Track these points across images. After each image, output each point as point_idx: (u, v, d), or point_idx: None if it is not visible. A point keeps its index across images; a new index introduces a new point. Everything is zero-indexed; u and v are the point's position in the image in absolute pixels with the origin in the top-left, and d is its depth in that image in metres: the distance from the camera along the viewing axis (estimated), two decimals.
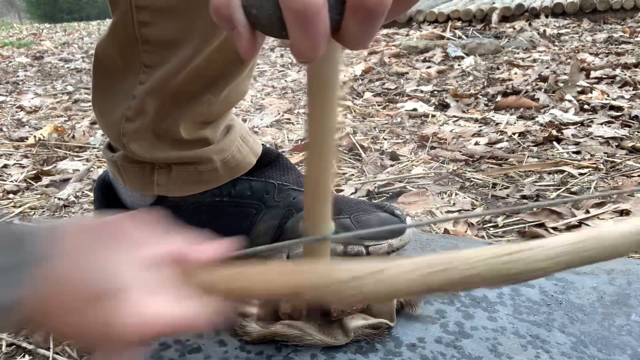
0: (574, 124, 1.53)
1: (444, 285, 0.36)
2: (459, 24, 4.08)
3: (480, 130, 1.56)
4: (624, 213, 0.96)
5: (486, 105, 1.86)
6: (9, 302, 0.33)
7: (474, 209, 1.05)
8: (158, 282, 0.38)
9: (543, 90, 1.91)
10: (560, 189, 1.11)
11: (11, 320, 0.34)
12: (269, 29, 0.32)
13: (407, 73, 2.51)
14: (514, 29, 3.65)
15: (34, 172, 1.40)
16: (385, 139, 1.53)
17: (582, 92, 1.85)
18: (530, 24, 3.80)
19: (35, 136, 1.68)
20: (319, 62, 0.38)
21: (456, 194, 1.12)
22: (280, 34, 0.32)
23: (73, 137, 1.68)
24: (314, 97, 0.41)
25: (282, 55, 3.43)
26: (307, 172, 0.45)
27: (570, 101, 1.73)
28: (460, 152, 1.36)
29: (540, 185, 1.13)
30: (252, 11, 0.31)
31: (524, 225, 0.96)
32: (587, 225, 0.94)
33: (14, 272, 0.33)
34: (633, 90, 1.86)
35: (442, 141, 1.47)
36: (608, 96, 1.78)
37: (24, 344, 0.67)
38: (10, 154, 1.59)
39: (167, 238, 0.41)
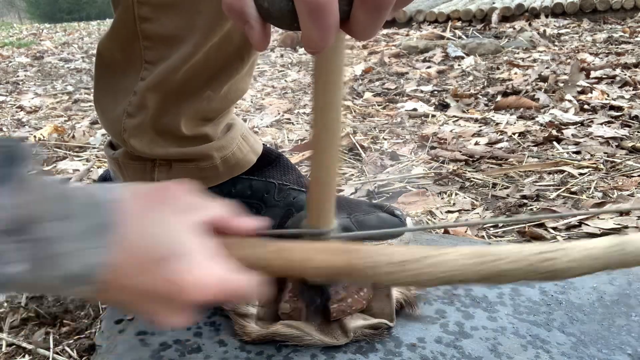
0: (574, 124, 1.53)
1: (492, 275, 0.37)
2: (459, 24, 4.08)
3: (480, 130, 1.56)
4: (624, 213, 0.96)
5: (486, 105, 1.86)
6: (88, 270, 0.33)
7: (474, 209, 1.05)
8: (212, 248, 0.39)
9: (543, 90, 1.91)
10: (560, 189, 1.11)
11: (86, 289, 0.34)
12: (280, 22, 0.33)
13: (407, 73, 2.51)
14: (514, 29, 3.65)
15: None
16: (385, 139, 1.53)
17: (582, 92, 1.85)
18: (530, 24, 3.80)
19: (35, 136, 1.68)
20: (326, 52, 0.39)
21: (456, 194, 1.12)
22: (291, 26, 0.33)
23: (73, 137, 1.68)
24: (320, 87, 0.41)
25: (282, 55, 3.43)
26: (312, 166, 0.45)
27: (570, 101, 1.73)
28: (460, 152, 1.36)
29: (540, 185, 1.13)
30: (264, 5, 0.32)
31: (523, 225, 0.96)
32: (587, 225, 0.94)
33: (88, 239, 0.33)
34: (633, 90, 1.86)
35: (442, 141, 1.47)
36: (608, 96, 1.78)
37: (24, 344, 0.67)
38: None
39: (210, 205, 0.43)
